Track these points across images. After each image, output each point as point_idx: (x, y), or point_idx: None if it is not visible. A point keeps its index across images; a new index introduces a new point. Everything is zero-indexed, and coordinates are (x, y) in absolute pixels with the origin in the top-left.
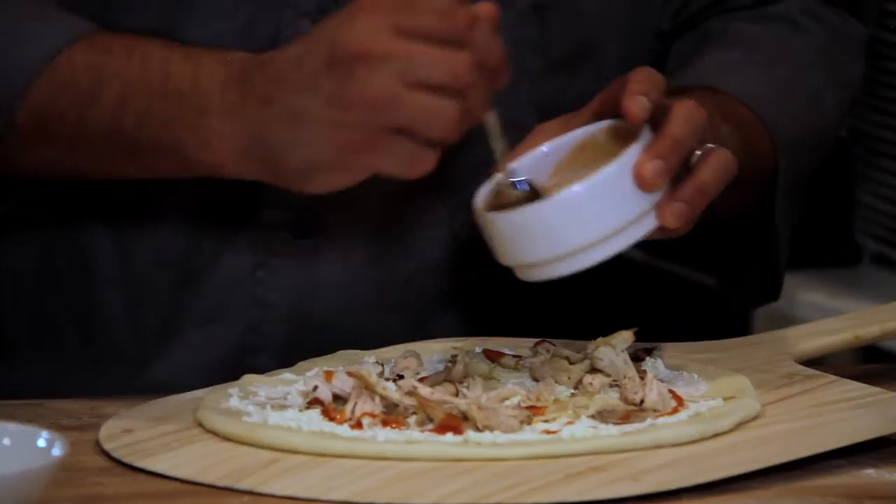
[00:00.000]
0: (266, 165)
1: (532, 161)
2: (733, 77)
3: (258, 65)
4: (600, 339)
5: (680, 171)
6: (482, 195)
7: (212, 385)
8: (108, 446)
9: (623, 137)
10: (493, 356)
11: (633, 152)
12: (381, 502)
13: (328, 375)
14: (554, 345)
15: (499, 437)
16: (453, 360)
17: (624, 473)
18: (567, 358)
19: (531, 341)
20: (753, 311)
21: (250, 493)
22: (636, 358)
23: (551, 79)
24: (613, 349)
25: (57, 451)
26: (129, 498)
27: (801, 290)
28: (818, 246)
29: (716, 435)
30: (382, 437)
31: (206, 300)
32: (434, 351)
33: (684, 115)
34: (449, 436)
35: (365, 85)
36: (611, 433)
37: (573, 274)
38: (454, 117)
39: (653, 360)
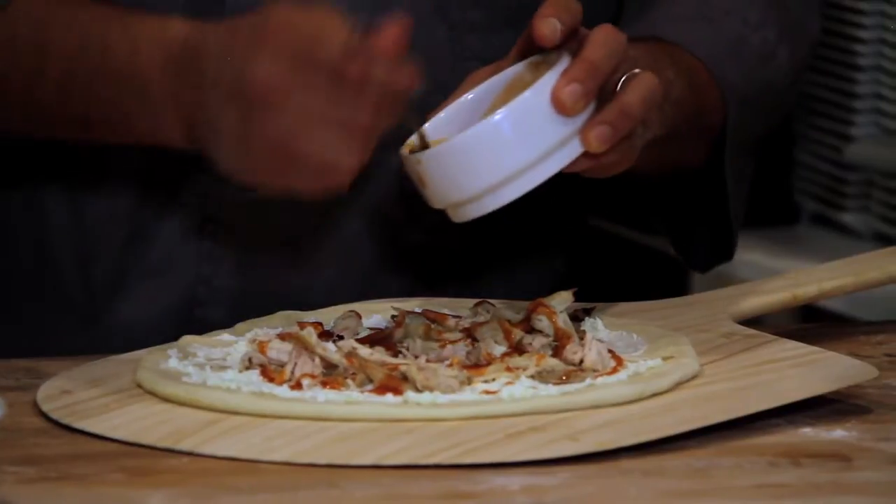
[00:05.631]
0: (208, 150)
1: (457, 110)
2: (681, 30)
3: (192, 54)
4: (539, 300)
5: (605, 98)
6: (406, 143)
7: (161, 339)
8: (46, 407)
9: (547, 69)
10: (432, 317)
11: (549, 78)
12: (322, 462)
13: (262, 347)
14: (493, 305)
15: (438, 397)
16: (394, 320)
17: (563, 433)
18: (507, 319)
19: (471, 302)
20: (707, 271)
21: (190, 454)
22: (575, 318)
23: (498, 34)
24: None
25: None
26: (67, 459)
27: (739, 250)
28: (756, 205)
29: (654, 395)
30: (322, 398)
31: (155, 253)
32: (374, 311)
33: (600, 38)
34: (388, 396)
35: (265, 127)
36: (550, 393)
37: (504, 205)
38: (359, 146)
39: (592, 320)
